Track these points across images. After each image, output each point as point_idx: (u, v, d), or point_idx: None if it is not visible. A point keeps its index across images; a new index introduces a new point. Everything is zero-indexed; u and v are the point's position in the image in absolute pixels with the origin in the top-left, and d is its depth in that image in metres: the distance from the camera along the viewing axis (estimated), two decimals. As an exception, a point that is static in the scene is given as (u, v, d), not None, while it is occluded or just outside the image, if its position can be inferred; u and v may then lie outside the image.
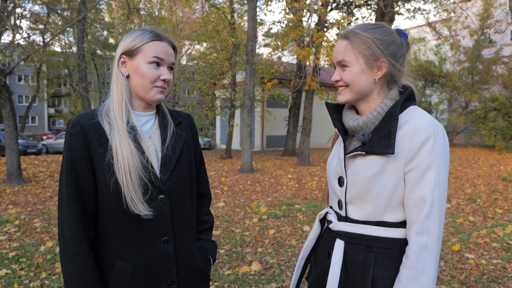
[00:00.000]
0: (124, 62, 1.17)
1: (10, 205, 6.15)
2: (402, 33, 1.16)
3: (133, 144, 1.12)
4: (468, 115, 19.35)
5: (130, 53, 1.15)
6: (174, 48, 1.22)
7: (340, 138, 1.24)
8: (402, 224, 1.10)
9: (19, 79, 37.59)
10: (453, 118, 19.87)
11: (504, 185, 7.90)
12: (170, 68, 1.20)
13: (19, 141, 10.30)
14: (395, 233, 1.10)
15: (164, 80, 1.17)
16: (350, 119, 1.18)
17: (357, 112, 1.21)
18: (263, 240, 4.31)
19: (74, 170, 1.10)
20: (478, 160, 12.94)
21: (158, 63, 1.16)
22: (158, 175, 1.16)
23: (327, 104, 1.28)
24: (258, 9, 10.62)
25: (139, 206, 1.10)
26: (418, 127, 1.05)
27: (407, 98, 1.13)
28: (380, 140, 1.07)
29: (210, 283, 1.33)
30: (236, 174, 9.77)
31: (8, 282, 3.11)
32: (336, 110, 1.27)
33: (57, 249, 3.91)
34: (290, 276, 3.23)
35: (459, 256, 3.76)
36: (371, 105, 1.16)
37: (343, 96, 1.16)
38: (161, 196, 1.15)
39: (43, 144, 19.60)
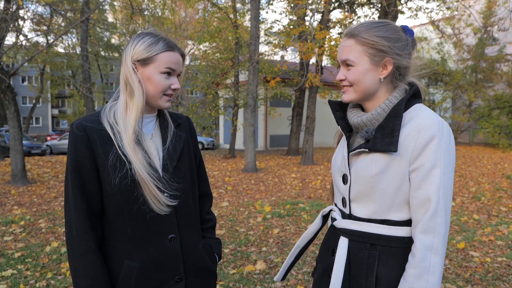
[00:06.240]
0: (135, 68, 1.18)
1: (15, 205, 6.19)
2: (407, 30, 1.13)
3: (137, 145, 1.15)
4: (472, 113, 19.25)
5: (143, 62, 1.17)
6: (182, 56, 1.25)
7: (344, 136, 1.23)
8: (407, 223, 1.09)
9: (23, 80, 37.82)
10: (457, 116, 19.78)
11: (509, 183, 7.85)
12: (177, 75, 1.24)
13: (24, 142, 10.37)
14: (400, 231, 1.09)
15: (173, 89, 1.21)
16: (354, 116, 1.17)
17: (363, 110, 1.20)
18: (267, 239, 4.31)
19: (79, 170, 1.12)
20: (482, 158, 12.88)
21: (169, 72, 1.19)
22: (161, 174, 1.18)
23: (330, 101, 1.27)
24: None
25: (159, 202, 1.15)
26: (423, 126, 1.03)
27: (412, 96, 1.12)
28: (383, 137, 1.06)
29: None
30: (239, 174, 9.78)
31: (14, 282, 3.14)
32: (340, 108, 1.26)
33: (63, 249, 3.94)
34: (295, 274, 3.24)
35: (464, 254, 3.76)
36: (376, 103, 1.14)
37: (348, 96, 1.15)
38: (165, 194, 1.17)
39: (47, 145, 19.72)
